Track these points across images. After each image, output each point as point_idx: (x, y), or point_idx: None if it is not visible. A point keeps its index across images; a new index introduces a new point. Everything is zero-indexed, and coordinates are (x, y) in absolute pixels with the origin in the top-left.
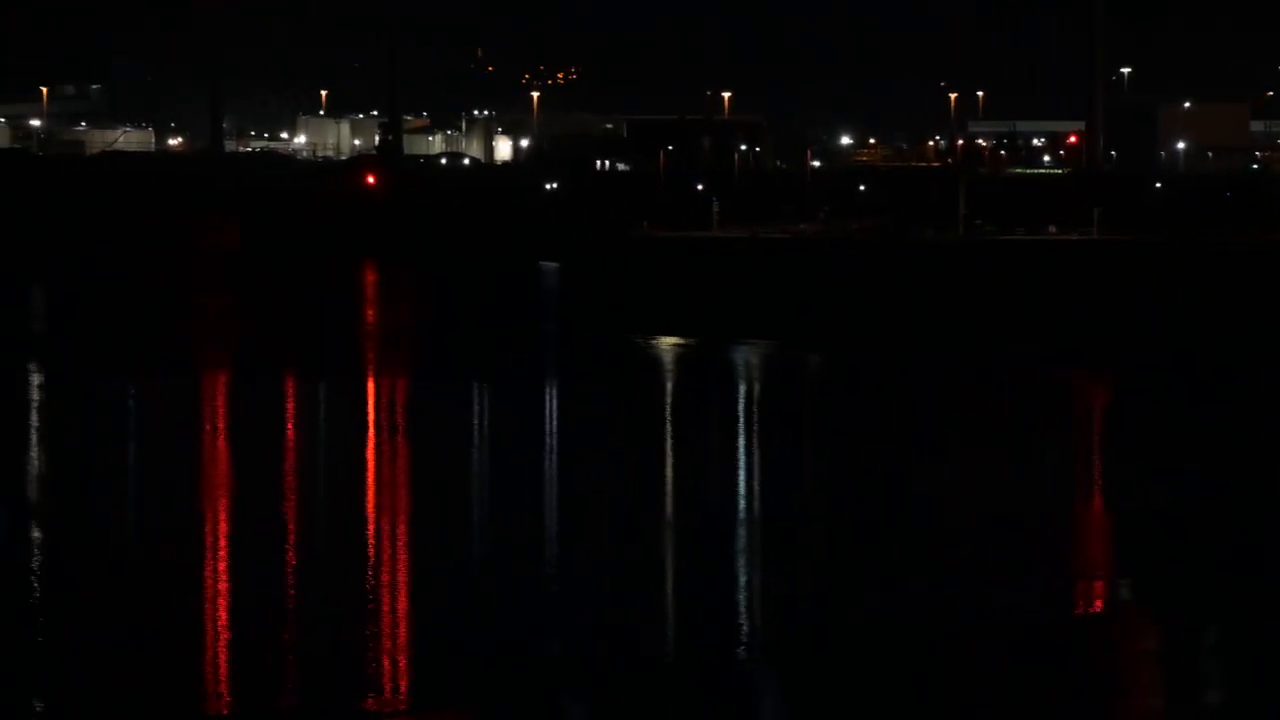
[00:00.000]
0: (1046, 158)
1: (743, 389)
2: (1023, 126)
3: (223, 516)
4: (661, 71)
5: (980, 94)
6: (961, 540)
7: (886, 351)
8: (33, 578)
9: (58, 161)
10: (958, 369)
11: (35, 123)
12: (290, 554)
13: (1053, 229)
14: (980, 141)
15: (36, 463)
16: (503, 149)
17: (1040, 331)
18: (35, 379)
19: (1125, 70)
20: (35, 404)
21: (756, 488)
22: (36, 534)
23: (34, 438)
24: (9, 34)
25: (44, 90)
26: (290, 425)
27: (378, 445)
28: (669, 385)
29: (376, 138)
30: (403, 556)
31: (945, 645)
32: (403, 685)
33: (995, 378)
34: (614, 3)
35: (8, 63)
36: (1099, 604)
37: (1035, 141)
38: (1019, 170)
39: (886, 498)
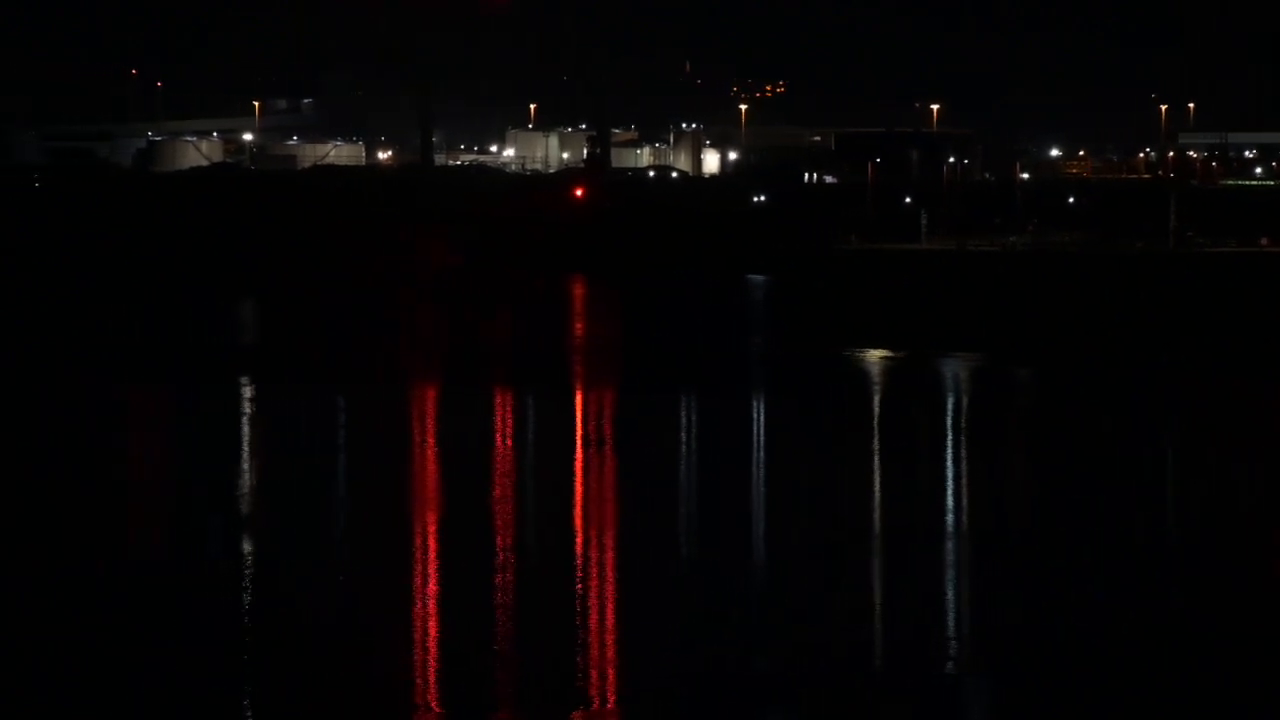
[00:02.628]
0: (1259, 169)
1: (951, 402)
2: (1235, 138)
3: (430, 527)
4: (869, 84)
5: (1191, 105)
6: (1167, 555)
7: (1097, 364)
8: (245, 587)
9: (269, 175)
10: (1171, 383)
11: (248, 137)
12: (498, 565)
13: (1265, 241)
14: (1191, 153)
15: (247, 474)
16: (710, 162)
17: (1255, 345)
18: (247, 391)
19: None
20: (246, 416)
21: (965, 502)
22: (248, 545)
23: (245, 449)
24: (223, 50)
25: (256, 105)
26: (499, 437)
27: (586, 458)
28: (877, 399)
29: (585, 151)
30: (610, 568)
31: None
32: (610, 699)
33: (1209, 391)
34: (822, 16)
35: (221, 78)
36: None
37: (1247, 153)
38: (1231, 182)
39: (1097, 512)
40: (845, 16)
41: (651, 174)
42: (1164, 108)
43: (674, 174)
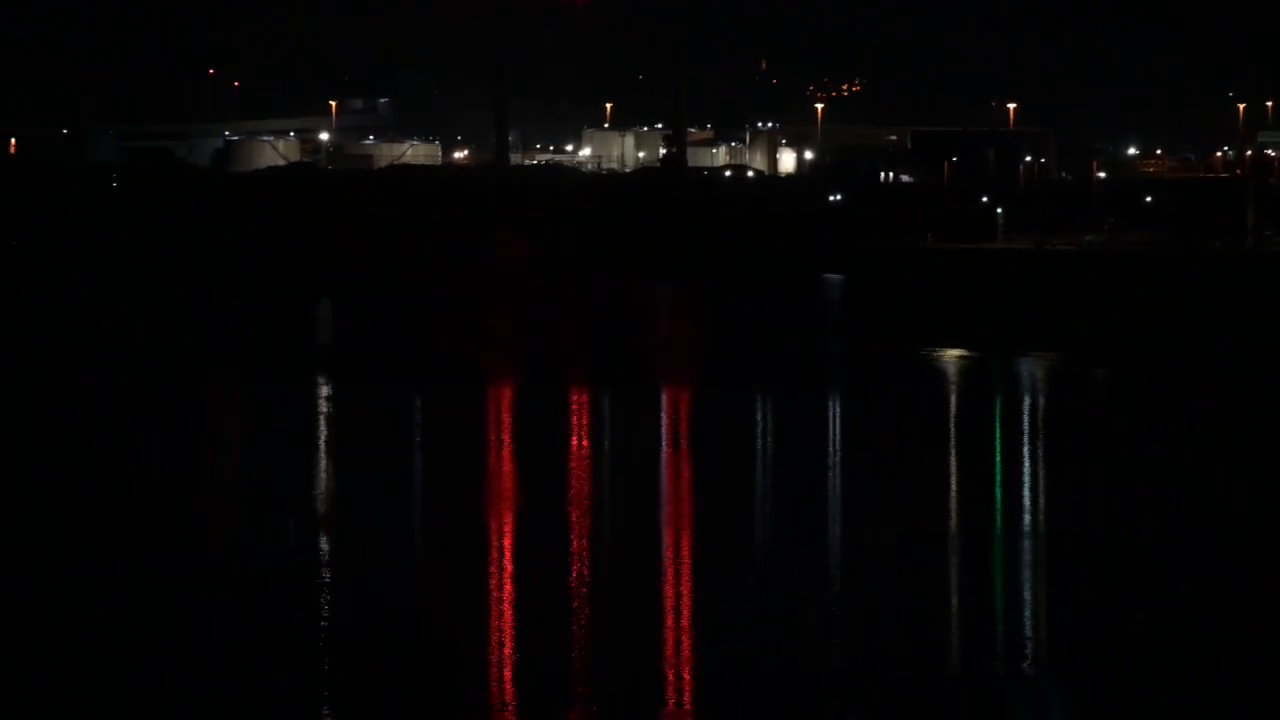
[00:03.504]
0: None
1: (1028, 402)
2: None
3: (507, 526)
4: (946, 83)
5: (1269, 104)
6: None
7: (1176, 365)
8: (323, 589)
9: (345, 175)
10: (1249, 384)
11: (324, 136)
12: (574, 565)
13: None
14: (1269, 152)
15: (325, 473)
16: (786, 161)
17: None
18: (324, 390)
19: None
20: (323, 415)
21: (1042, 501)
22: (325, 544)
23: (322, 448)
24: (299, 50)
25: (333, 105)
26: (576, 436)
27: (663, 457)
28: (954, 398)
29: (660, 150)
30: (687, 567)
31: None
32: (687, 700)
33: None
34: (899, 15)
35: (298, 78)
36: None
37: None
38: None
39: (1173, 513)
40: (921, 15)
41: (727, 173)
42: (1241, 106)
43: (750, 173)
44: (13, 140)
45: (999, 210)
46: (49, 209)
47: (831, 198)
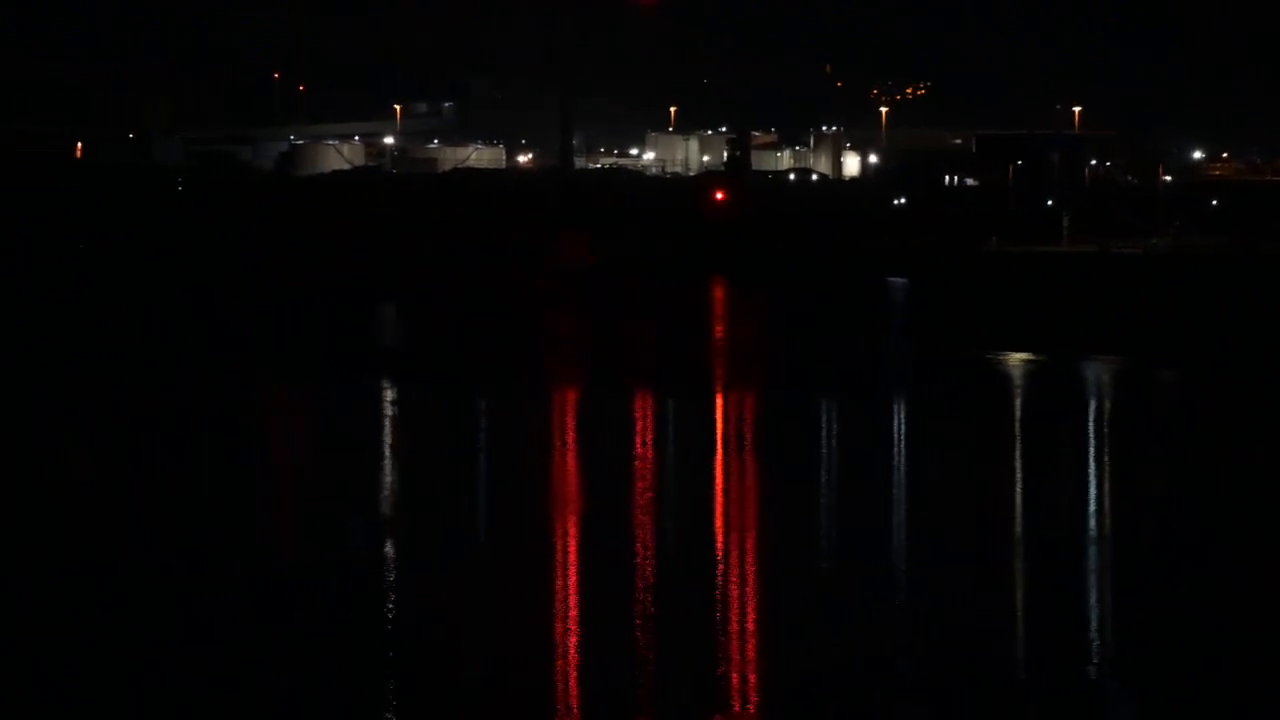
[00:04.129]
0: None
1: (1094, 406)
2: None
3: (572, 529)
4: (1011, 86)
5: None
6: None
7: (1243, 368)
8: (389, 592)
9: (410, 178)
10: None
11: (388, 140)
12: (638, 565)
13: None
14: None
15: (389, 475)
16: (850, 164)
17: None
18: (389, 394)
19: None
20: (388, 418)
21: (1108, 505)
22: (389, 548)
23: (386, 451)
24: (364, 54)
25: (397, 108)
26: (639, 439)
27: (726, 461)
28: (1019, 401)
29: (724, 154)
30: (751, 570)
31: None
32: (752, 701)
33: None
34: (964, 19)
35: (363, 82)
36: None
37: None
38: None
39: (1244, 519)
40: (986, 19)
41: (791, 176)
42: None
43: (814, 176)
44: (79, 144)
45: (1063, 213)
46: (115, 212)
47: (895, 201)
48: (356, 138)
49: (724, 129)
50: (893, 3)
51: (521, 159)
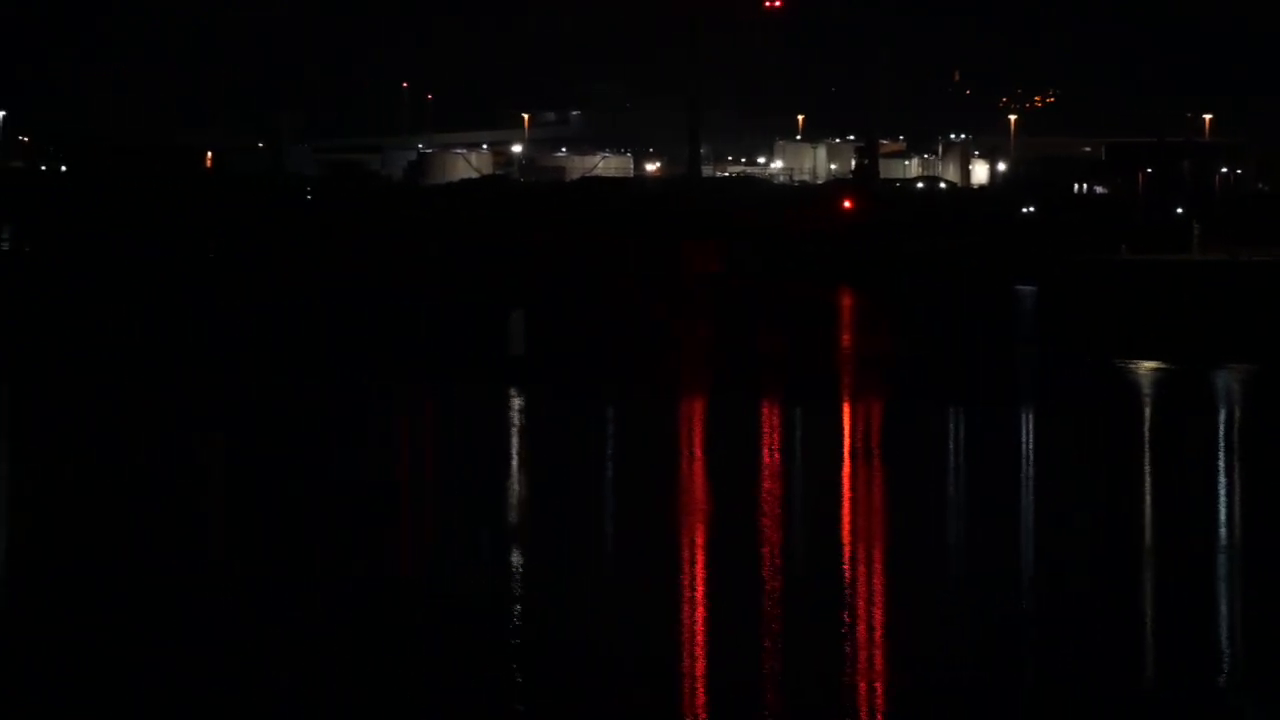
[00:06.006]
0: None
1: (1225, 414)
2: None
3: (699, 539)
4: (1141, 94)
5: None
6: None
7: None
8: (514, 604)
9: (538, 187)
10: None
11: (516, 149)
12: (765, 578)
13: None
14: None
15: (516, 484)
16: (979, 172)
17: None
18: (516, 402)
19: None
20: (516, 427)
21: (1238, 516)
22: (516, 557)
23: (514, 459)
24: (495, 64)
25: (525, 117)
26: (766, 448)
27: (855, 470)
28: (1147, 409)
29: (852, 162)
30: (879, 583)
31: None
32: (880, 711)
33: None
34: (1093, 27)
35: (492, 91)
36: None
37: None
38: None
39: None
40: (1115, 26)
41: (919, 185)
42: None
43: (942, 185)
44: (209, 154)
45: (1194, 221)
46: (244, 220)
47: (1024, 209)
48: (484, 146)
49: (852, 137)
50: (1021, 12)
51: (649, 167)
